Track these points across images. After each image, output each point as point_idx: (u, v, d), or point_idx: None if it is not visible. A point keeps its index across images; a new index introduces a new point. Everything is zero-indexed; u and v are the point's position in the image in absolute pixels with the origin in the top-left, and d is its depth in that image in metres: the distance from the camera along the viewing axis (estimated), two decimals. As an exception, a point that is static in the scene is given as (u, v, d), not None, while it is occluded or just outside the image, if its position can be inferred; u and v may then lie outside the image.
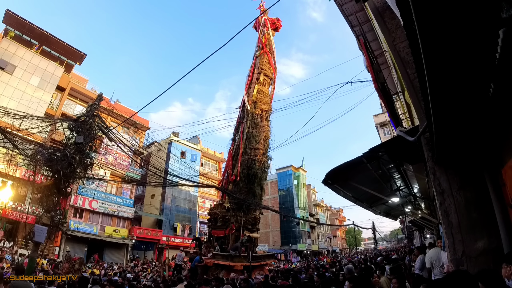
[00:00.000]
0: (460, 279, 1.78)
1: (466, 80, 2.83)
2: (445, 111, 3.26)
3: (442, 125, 3.51)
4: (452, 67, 2.65)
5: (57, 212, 9.43)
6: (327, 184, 7.78)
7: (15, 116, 9.18)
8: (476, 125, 3.61)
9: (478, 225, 4.17)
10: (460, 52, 2.50)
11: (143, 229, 31.88)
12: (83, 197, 26.35)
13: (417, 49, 2.36)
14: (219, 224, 17.94)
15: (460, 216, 4.28)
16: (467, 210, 4.28)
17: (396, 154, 5.96)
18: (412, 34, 2.26)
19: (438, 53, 2.47)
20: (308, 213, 57.02)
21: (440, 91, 2.91)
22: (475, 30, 2.28)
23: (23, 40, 26.47)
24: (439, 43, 2.39)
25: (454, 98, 3.07)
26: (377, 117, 30.72)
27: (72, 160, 9.03)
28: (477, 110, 3.31)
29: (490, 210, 4.10)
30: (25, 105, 22.40)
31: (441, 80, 2.77)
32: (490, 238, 4.06)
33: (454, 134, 3.80)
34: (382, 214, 13.90)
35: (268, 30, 23.03)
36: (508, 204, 3.85)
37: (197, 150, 40.15)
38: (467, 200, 4.33)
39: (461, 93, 3.00)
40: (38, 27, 26.65)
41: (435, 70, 2.62)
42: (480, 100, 3.12)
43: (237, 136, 20.29)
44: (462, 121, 3.52)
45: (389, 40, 5.54)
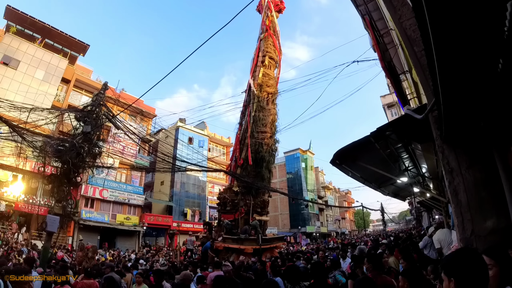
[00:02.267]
0: (466, 255, 1.76)
1: (474, 55, 2.76)
2: (453, 87, 3.19)
3: (450, 102, 3.45)
4: (460, 42, 2.59)
5: (68, 201, 9.58)
6: (335, 164, 7.74)
7: (22, 109, 9.24)
8: (485, 102, 3.54)
9: (487, 204, 4.13)
10: (467, 27, 2.43)
11: (153, 215, 32.40)
12: (93, 187, 26.74)
13: (425, 26, 2.30)
14: (228, 208, 18.11)
15: (469, 195, 4.24)
16: (476, 189, 4.24)
17: (404, 133, 5.89)
18: (419, 11, 2.20)
19: (446, 29, 2.40)
20: (317, 195, 57.19)
21: (448, 67, 2.84)
22: (482, 3, 2.21)
23: (26, 34, 26.49)
24: (447, 18, 2.33)
25: (462, 74, 3.00)
26: (384, 98, 30.40)
27: (81, 149, 9.12)
28: (486, 87, 3.24)
29: (500, 189, 4.04)
30: (31, 99, 22.52)
31: (448, 56, 2.70)
32: (499, 218, 4.02)
33: (463, 112, 3.74)
34: (391, 195, 13.88)
35: (272, 12, 22.68)
36: (518, 182, 3.81)
37: (204, 136, 40.26)
38: (476, 179, 4.27)
39: (469, 69, 2.93)
40: (40, 21, 26.57)
41: (443, 46, 2.55)
42: (489, 76, 3.06)
43: (244, 120, 20.26)
44: (471, 98, 3.45)
45: (395, 18, 5.40)
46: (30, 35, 26.81)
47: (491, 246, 2.31)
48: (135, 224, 29.75)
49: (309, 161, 55.76)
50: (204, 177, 38.07)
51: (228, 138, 42.95)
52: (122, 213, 29.55)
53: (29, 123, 9.89)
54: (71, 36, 28.47)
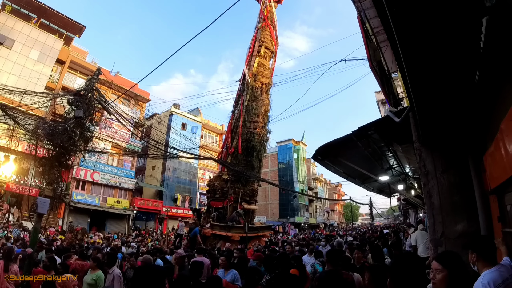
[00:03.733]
0: (406, 261, 1.96)
1: (449, 67, 2.90)
2: (428, 95, 3.33)
3: (425, 108, 3.59)
4: (434, 54, 2.71)
5: (59, 184, 9.67)
6: (317, 159, 7.90)
7: (15, 93, 9.26)
8: (461, 110, 3.69)
9: (459, 208, 4.30)
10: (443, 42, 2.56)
11: (144, 200, 32.53)
12: (84, 169, 26.75)
13: (392, 35, 2.41)
14: (217, 196, 18.28)
15: (442, 198, 4.42)
16: (449, 193, 4.41)
17: (386, 133, 6.04)
18: (385, 20, 2.31)
19: (417, 42, 2.53)
20: (307, 186, 57.66)
21: (422, 77, 2.97)
22: (458, 19, 2.33)
23: (21, 13, 26.04)
24: (419, 33, 2.44)
25: (437, 83, 3.14)
26: (378, 94, 30.39)
27: (72, 133, 9.17)
28: (462, 96, 3.38)
29: (471, 194, 4.22)
30: (25, 79, 22.38)
31: (421, 67, 2.84)
32: (470, 222, 4.19)
33: (439, 117, 3.87)
34: (375, 191, 14.09)
35: (270, 2, 22.53)
36: (487, 190, 4.00)
37: (198, 122, 40.23)
38: (450, 183, 4.44)
39: (445, 79, 3.08)
40: (36, 0, 26.09)
41: (414, 59, 2.69)
42: (466, 86, 3.20)
43: (237, 109, 20.29)
44: (447, 105, 3.58)
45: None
46: (26, 15, 26.36)
47: (443, 252, 2.51)
48: (126, 207, 29.86)
49: (301, 152, 56.04)
50: (196, 164, 38.19)
51: (222, 126, 42.92)
52: (112, 196, 29.63)
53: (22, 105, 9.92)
54: (67, 17, 28.05)
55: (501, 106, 3.21)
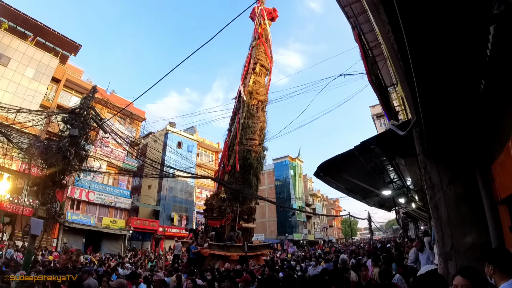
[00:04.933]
0: (431, 279, 1.82)
1: (456, 76, 2.83)
2: (435, 106, 3.26)
3: (432, 120, 3.52)
4: (442, 64, 2.65)
5: (53, 205, 9.46)
6: (319, 176, 7.82)
7: (9, 110, 9.14)
8: (467, 120, 3.62)
9: (467, 220, 4.19)
10: (450, 50, 2.49)
11: (140, 219, 32.13)
12: (80, 189, 26.39)
13: (403, 43, 2.35)
14: (215, 215, 18.03)
15: (450, 210, 4.31)
16: (456, 205, 4.30)
17: (388, 147, 5.97)
18: (397, 31, 2.25)
19: (426, 50, 2.46)
20: (305, 203, 57.31)
21: (430, 88, 2.91)
22: (465, 27, 2.27)
23: (18, 31, 26.17)
24: (427, 41, 2.38)
25: (444, 94, 3.07)
26: (373, 108, 30.71)
27: (67, 152, 9.02)
28: (468, 106, 3.31)
29: (480, 205, 4.12)
30: (20, 97, 22.25)
31: (430, 77, 2.77)
32: (479, 233, 4.07)
33: (445, 129, 3.81)
34: (376, 205, 13.98)
35: (265, 20, 22.83)
36: (497, 200, 3.89)
37: (194, 141, 40.12)
38: (457, 194, 4.34)
39: (451, 89, 3.00)
40: (33, 18, 26.33)
41: (423, 67, 2.62)
42: (471, 95, 3.13)
43: (233, 126, 20.27)
44: (453, 116, 3.52)
45: (383, 32, 5.50)
46: (22, 33, 26.51)
47: (464, 267, 2.37)
48: (121, 227, 29.40)
49: (297, 168, 55.91)
50: (192, 182, 37.87)
51: (218, 144, 42.83)
52: (108, 216, 29.18)
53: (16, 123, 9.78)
54: (63, 35, 28.24)
55: (511, 114, 3.13)
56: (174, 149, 33.42)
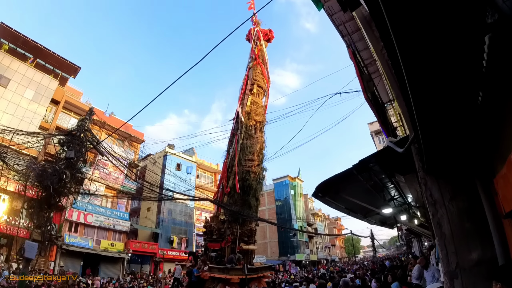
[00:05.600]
0: None
1: (452, 89, 2.78)
2: (432, 122, 3.20)
3: (430, 136, 3.46)
4: (437, 77, 2.60)
5: (48, 227, 9.29)
6: (318, 197, 7.72)
7: (5, 131, 9.09)
8: (466, 134, 3.56)
9: (472, 235, 4.09)
10: (445, 62, 2.45)
11: (139, 242, 31.73)
12: (78, 211, 26.14)
13: (396, 59, 2.30)
14: (215, 237, 17.73)
15: (453, 226, 4.20)
16: (460, 220, 4.20)
17: (387, 164, 5.89)
18: (390, 46, 2.21)
19: (420, 64, 2.41)
20: (306, 222, 56.73)
21: (426, 102, 2.85)
22: (459, 38, 2.23)
23: (18, 53, 26.55)
24: (421, 54, 2.33)
25: (440, 108, 3.02)
26: (372, 125, 30.80)
27: (63, 175, 8.91)
28: (466, 119, 3.26)
29: (484, 219, 4.02)
30: (19, 118, 22.33)
31: (426, 91, 2.72)
32: (484, 248, 3.97)
33: (444, 144, 3.75)
34: (378, 223, 13.79)
35: (261, 41, 23.07)
36: (501, 214, 3.79)
37: (193, 162, 40.08)
38: (460, 210, 4.25)
39: (448, 103, 2.95)
40: (33, 40, 26.78)
41: (418, 82, 2.56)
42: (469, 108, 3.08)
43: (232, 147, 20.20)
44: (451, 131, 3.46)
45: (377, 49, 5.53)
46: (22, 54, 26.87)
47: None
48: (120, 250, 28.97)
49: (298, 188, 55.60)
50: (191, 204, 37.59)
51: (217, 165, 42.74)
52: (106, 239, 28.80)
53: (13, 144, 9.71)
54: (63, 58, 28.61)
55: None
56: (173, 172, 33.26)
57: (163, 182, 29.30)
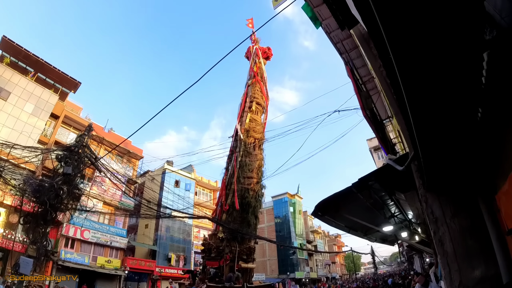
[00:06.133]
0: None
1: (452, 106, 2.77)
2: (432, 139, 3.18)
3: (430, 153, 3.44)
4: (436, 95, 2.59)
5: (43, 243, 9.15)
6: (317, 216, 7.66)
7: (3, 145, 9.07)
8: (466, 151, 3.54)
9: (475, 253, 4.01)
10: (444, 80, 2.44)
11: (136, 259, 31.31)
12: (74, 227, 25.85)
13: (395, 77, 2.29)
14: (213, 255, 17.51)
15: (456, 244, 4.12)
16: (462, 238, 4.13)
17: (387, 182, 5.85)
18: (389, 65, 2.20)
19: (419, 82, 2.40)
20: (305, 240, 56.17)
21: (426, 120, 2.84)
22: (458, 55, 2.22)
23: (19, 66, 26.78)
24: (420, 73, 2.32)
25: (440, 126, 3.00)
26: (370, 141, 30.85)
27: (60, 191, 8.83)
28: (466, 136, 3.24)
29: (486, 236, 3.96)
30: (18, 132, 22.34)
31: (425, 109, 2.70)
32: (488, 266, 3.90)
33: (444, 162, 3.72)
34: (379, 241, 13.64)
35: (260, 59, 23.32)
36: (504, 230, 3.74)
37: (192, 179, 39.93)
38: (462, 227, 4.18)
39: (447, 120, 2.94)
40: (34, 55, 27.02)
41: (417, 100, 2.55)
42: (468, 125, 3.06)
43: (231, 165, 20.14)
44: (452, 148, 3.44)
45: (375, 66, 5.54)
46: (23, 68, 27.07)
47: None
48: (117, 267, 28.52)
49: (297, 205, 55.25)
50: (190, 222, 37.28)
51: (215, 182, 42.56)
52: (103, 255, 28.40)
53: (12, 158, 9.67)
54: (63, 73, 28.84)
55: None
56: (171, 189, 33.13)
57: (161, 199, 29.15)
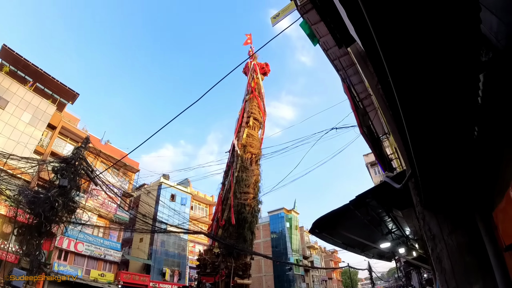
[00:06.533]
0: None
1: (448, 125, 2.81)
2: (429, 158, 3.22)
3: (427, 172, 3.47)
4: (433, 114, 2.63)
5: (37, 256, 9.04)
6: (315, 233, 7.66)
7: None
8: (463, 169, 3.57)
9: (473, 269, 4.03)
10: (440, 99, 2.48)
11: (130, 273, 30.87)
12: (68, 239, 25.51)
13: (393, 98, 2.33)
14: (208, 271, 17.33)
15: (453, 261, 4.13)
16: (460, 255, 4.14)
17: (384, 200, 5.87)
18: (385, 83, 2.24)
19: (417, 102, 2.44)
20: (302, 255, 55.67)
21: (423, 140, 2.88)
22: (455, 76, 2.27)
23: (18, 76, 26.89)
24: (417, 93, 2.36)
25: (437, 144, 3.04)
26: (367, 157, 30.96)
27: (55, 203, 8.76)
28: (463, 154, 3.28)
29: (484, 253, 3.97)
30: (14, 141, 22.26)
31: (422, 129, 2.74)
32: (486, 282, 3.90)
33: (441, 179, 3.75)
34: (376, 257, 13.57)
35: (257, 74, 23.54)
36: (502, 247, 3.75)
37: (187, 193, 39.73)
38: (460, 244, 4.19)
39: (444, 138, 2.98)
40: (33, 64, 27.16)
41: (415, 120, 2.59)
42: (465, 143, 3.10)
43: (227, 180, 20.14)
44: (448, 166, 3.47)
45: (372, 84, 5.62)
46: (22, 77, 27.18)
47: None
48: (110, 281, 28.09)
49: (293, 220, 54.96)
50: (185, 236, 36.91)
51: (211, 197, 42.36)
52: (96, 268, 27.98)
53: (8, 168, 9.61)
54: (62, 83, 28.94)
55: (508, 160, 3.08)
56: (167, 204, 32.89)
57: (156, 213, 28.92)
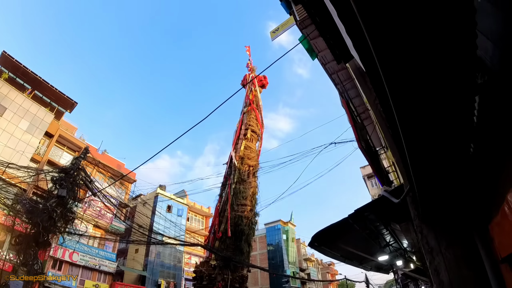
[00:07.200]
0: None
1: (445, 142, 2.90)
2: (427, 173, 3.30)
3: (424, 186, 3.55)
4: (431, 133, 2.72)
5: (34, 265, 8.99)
6: (314, 246, 7.71)
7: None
8: (460, 183, 3.65)
9: (470, 282, 4.08)
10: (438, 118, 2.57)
11: (125, 285, 30.39)
12: (63, 248, 25.11)
13: (392, 117, 2.40)
14: (205, 283, 17.19)
15: (451, 274, 4.18)
16: (457, 267, 4.19)
17: (383, 213, 5.94)
18: (384, 100, 2.31)
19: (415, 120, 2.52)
20: (298, 268, 55.18)
21: (420, 156, 2.96)
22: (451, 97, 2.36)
23: (16, 83, 26.83)
24: (415, 112, 2.45)
25: (434, 160, 3.13)
26: (364, 169, 30.92)
27: (53, 213, 8.75)
28: (459, 169, 3.36)
29: (481, 265, 4.04)
30: (11, 148, 22.17)
31: (420, 146, 2.83)
32: (482, 294, 3.95)
33: (438, 193, 3.82)
34: (374, 269, 13.55)
35: (256, 87, 23.66)
36: (498, 259, 3.81)
37: (184, 205, 39.46)
38: (457, 257, 4.25)
39: (441, 154, 3.06)
40: (32, 72, 27.20)
41: (413, 136, 2.67)
42: (461, 159, 3.19)
43: (224, 192, 20.09)
44: (445, 180, 3.55)
45: (371, 100, 5.70)
46: (21, 84, 27.12)
47: None
48: (104, 293, 27.63)
49: (290, 232, 54.60)
50: (181, 248, 36.54)
51: (208, 208, 42.07)
52: (91, 279, 27.55)
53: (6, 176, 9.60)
54: (60, 92, 28.96)
55: (506, 177, 3.16)
56: (163, 215, 32.69)
57: (153, 224, 28.71)
